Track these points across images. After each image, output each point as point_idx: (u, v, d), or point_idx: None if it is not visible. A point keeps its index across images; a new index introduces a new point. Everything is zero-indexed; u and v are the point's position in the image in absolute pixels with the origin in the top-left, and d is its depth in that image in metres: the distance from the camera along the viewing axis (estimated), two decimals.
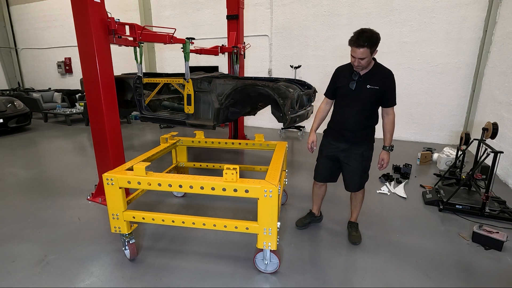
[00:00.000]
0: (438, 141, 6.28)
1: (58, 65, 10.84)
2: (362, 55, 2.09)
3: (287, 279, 2.17)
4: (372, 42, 2.05)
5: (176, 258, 2.41)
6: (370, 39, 2.04)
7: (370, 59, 2.16)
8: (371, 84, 2.22)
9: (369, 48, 2.06)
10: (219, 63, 7.95)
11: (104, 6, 2.94)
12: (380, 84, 2.21)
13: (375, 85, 2.21)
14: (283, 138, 6.82)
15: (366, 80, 2.25)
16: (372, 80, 2.23)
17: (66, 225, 2.91)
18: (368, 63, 2.18)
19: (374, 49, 2.11)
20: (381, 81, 2.21)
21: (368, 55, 2.09)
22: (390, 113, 2.32)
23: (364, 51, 2.07)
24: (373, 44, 2.06)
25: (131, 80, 4.38)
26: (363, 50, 2.06)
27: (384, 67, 2.29)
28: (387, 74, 2.25)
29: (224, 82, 3.85)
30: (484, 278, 2.21)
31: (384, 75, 2.24)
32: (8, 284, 2.12)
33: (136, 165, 2.14)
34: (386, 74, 2.25)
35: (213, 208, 3.32)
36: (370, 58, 2.15)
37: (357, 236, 2.66)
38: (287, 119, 3.43)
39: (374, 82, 2.22)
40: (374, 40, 2.06)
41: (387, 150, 2.40)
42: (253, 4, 7.22)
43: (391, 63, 6.21)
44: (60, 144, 6.12)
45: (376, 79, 2.22)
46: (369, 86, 2.22)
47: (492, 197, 3.27)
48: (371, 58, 2.17)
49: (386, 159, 2.42)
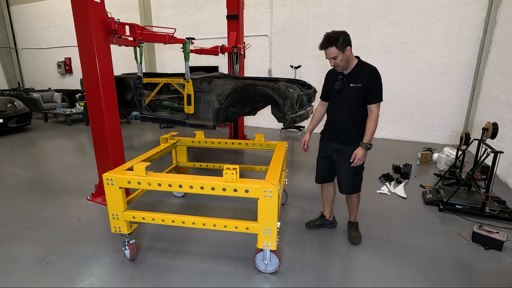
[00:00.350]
0: (438, 141, 6.28)
1: (58, 65, 10.84)
2: (332, 54, 2.18)
3: (287, 279, 2.17)
4: (335, 40, 2.13)
5: (176, 258, 2.41)
6: (332, 38, 2.14)
7: (345, 57, 2.20)
8: (354, 83, 2.26)
9: (335, 46, 2.15)
10: (219, 63, 7.95)
11: (104, 6, 2.94)
12: (363, 82, 2.23)
13: (358, 83, 2.24)
14: (283, 138, 6.83)
15: (349, 79, 2.29)
16: (355, 79, 2.26)
17: (66, 225, 2.91)
18: (346, 61, 2.23)
19: (343, 46, 2.16)
20: (364, 79, 2.23)
21: (339, 53, 2.17)
22: (373, 110, 2.24)
23: (332, 50, 2.16)
24: (337, 41, 2.13)
25: (131, 80, 4.38)
26: (331, 50, 2.16)
27: (368, 65, 2.28)
28: (370, 71, 2.24)
29: (224, 82, 3.85)
30: (484, 278, 2.21)
31: (367, 72, 2.24)
32: (8, 284, 2.12)
33: (136, 165, 2.14)
34: (369, 71, 2.24)
35: (213, 208, 3.32)
36: (345, 56, 2.20)
37: (357, 236, 2.65)
38: (287, 119, 3.43)
39: (357, 80, 2.25)
40: (338, 38, 2.13)
41: (363, 146, 2.28)
42: (253, 4, 7.22)
43: (391, 63, 6.23)
44: (60, 144, 6.12)
45: (359, 77, 2.25)
46: (352, 84, 2.26)
47: (492, 197, 3.27)
48: (346, 56, 2.20)
49: (358, 155, 2.29)
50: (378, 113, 2.25)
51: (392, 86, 6.35)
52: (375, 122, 2.24)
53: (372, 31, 6.25)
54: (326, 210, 2.86)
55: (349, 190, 2.53)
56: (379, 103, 2.25)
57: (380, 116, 2.41)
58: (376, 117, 2.24)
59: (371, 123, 2.24)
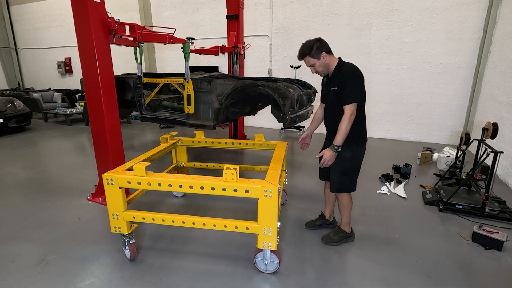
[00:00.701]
0: (438, 141, 6.28)
1: (58, 65, 10.84)
2: (309, 63, 2.30)
3: (287, 279, 2.17)
4: (309, 49, 2.23)
5: (176, 258, 2.41)
6: (306, 47, 2.25)
7: (322, 63, 2.27)
8: (332, 86, 2.32)
9: (309, 55, 2.25)
10: (219, 63, 7.95)
11: (104, 6, 2.94)
12: (338, 85, 2.26)
13: (334, 86, 2.29)
14: (283, 138, 6.83)
15: (330, 83, 2.36)
16: (333, 82, 2.32)
17: (66, 225, 2.91)
18: (324, 67, 2.29)
19: (318, 53, 2.23)
20: (339, 81, 2.26)
21: (315, 61, 2.26)
22: (344, 111, 2.20)
23: (308, 60, 2.29)
24: (311, 50, 2.23)
25: (131, 80, 4.37)
26: (307, 59, 2.29)
27: (345, 67, 2.27)
28: (344, 72, 2.24)
29: (224, 82, 3.85)
30: (484, 278, 2.21)
31: (342, 74, 2.25)
32: (8, 284, 2.12)
33: (136, 165, 2.14)
34: (343, 73, 2.24)
35: (213, 208, 3.32)
36: (322, 62, 2.26)
37: (328, 236, 2.62)
38: (287, 119, 3.43)
39: (334, 84, 2.31)
40: (312, 47, 2.22)
41: (331, 148, 2.25)
42: (253, 4, 7.22)
43: (391, 63, 6.24)
44: (60, 144, 6.12)
45: (335, 80, 2.29)
46: (332, 88, 2.33)
47: (492, 197, 3.27)
48: (323, 62, 2.27)
49: (325, 156, 2.27)
50: (349, 114, 2.17)
51: (392, 86, 6.35)
52: (346, 123, 2.17)
53: (372, 31, 6.25)
54: (327, 210, 2.86)
55: (335, 188, 2.49)
56: (351, 105, 2.18)
57: (380, 116, 2.40)
58: (347, 119, 2.17)
59: (342, 124, 2.19)
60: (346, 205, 2.55)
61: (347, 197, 2.53)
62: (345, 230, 2.63)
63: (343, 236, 2.62)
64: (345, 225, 2.62)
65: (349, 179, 2.43)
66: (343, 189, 2.47)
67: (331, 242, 2.60)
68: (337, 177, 2.44)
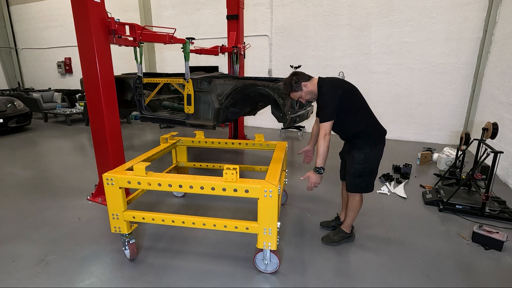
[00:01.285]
0: (438, 141, 6.28)
1: (58, 65, 10.84)
2: (296, 97, 2.42)
3: (287, 279, 2.17)
4: (288, 87, 2.36)
5: (176, 258, 2.41)
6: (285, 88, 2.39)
7: (307, 92, 2.34)
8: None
9: (291, 92, 2.37)
10: (219, 63, 7.95)
11: (104, 6, 2.94)
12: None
13: None
14: (283, 138, 6.82)
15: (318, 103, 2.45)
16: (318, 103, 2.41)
17: (66, 225, 2.91)
18: (310, 94, 2.36)
19: (298, 87, 2.32)
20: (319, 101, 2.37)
21: (300, 94, 2.36)
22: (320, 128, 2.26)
23: (292, 96, 2.41)
24: (291, 87, 2.33)
25: (131, 80, 4.38)
26: (292, 95, 2.40)
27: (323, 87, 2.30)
28: (321, 92, 2.30)
29: (224, 82, 3.85)
30: (484, 278, 2.21)
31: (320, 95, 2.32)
32: (8, 284, 2.12)
33: (136, 165, 2.14)
34: (321, 93, 2.31)
35: (213, 208, 3.32)
36: (306, 91, 2.34)
37: (328, 236, 2.62)
38: (287, 119, 3.43)
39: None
40: (290, 84, 2.33)
41: (313, 170, 2.31)
42: (253, 4, 7.22)
43: (391, 63, 6.24)
44: (60, 144, 6.12)
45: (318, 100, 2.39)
46: None
47: (492, 197, 3.27)
48: (307, 90, 2.34)
49: (310, 179, 2.33)
50: (323, 135, 2.20)
51: (392, 86, 6.35)
52: (321, 143, 2.21)
53: (372, 31, 6.25)
54: (342, 212, 2.83)
55: (349, 188, 2.51)
56: (325, 124, 2.21)
57: (380, 116, 2.40)
58: (322, 139, 2.20)
59: (319, 144, 2.23)
60: (355, 207, 2.55)
61: (359, 198, 2.52)
62: (346, 230, 2.63)
63: (343, 236, 2.62)
64: (347, 226, 2.63)
65: (364, 180, 2.43)
66: (358, 189, 2.48)
67: (331, 242, 2.60)
68: (351, 178, 2.46)
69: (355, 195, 2.52)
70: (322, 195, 3.62)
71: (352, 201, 2.55)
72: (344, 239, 2.61)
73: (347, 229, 2.63)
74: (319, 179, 2.33)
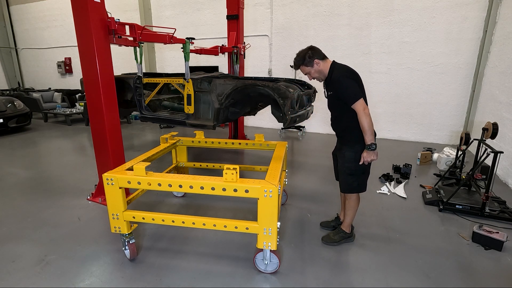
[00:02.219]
0: (438, 141, 6.28)
1: (58, 65, 10.84)
2: (304, 71, 2.39)
3: (287, 279, 2.17)
4: (300, 60, 2.33)
5: (176, 258, 2.41)
6: (297, 59, 2.35)
7: (317, 69, 2.34)
8: (329, 91, 2.42)
9: (303, 65, 2.34)
10: (219, 63, 7.95)
11: (104, 6, 2.94)
12: (332, 90, 2.36)
13: (331, 90, 2.39)
14: (283, 138, 6.82)
15: (326, 88, 2.46)
16: (329, 87, 2.41)
17: (66, 225, 2.91)
18: (319, 73, 2.36)
19: (311, 62, 2.30)
20: (332, 87, 2.36)
21: (309, 69, 2.35)
22: (356, 109, 2.23)
23: (302, 69, 2.39)
24: (304, 60, 2.31)
25: (131, 80, 4.37)
26: (302, 68, 2.38)
27: (336, 71, 2.30)
28: (335, 77, 2.30)
29: (224, 82, 3.84)
30: (484, 278, 2.21)
31: (333, 81, 2.31)
32: (8, 284, 2.12)
33: (136, 165, 2.14)
34: (333, 79, 2.31)
35: (213, 208, 3.32)
36: (316, 69, 2.33)
37: (329, 236, 2.62)
38: (287, 119, 3.43)
39: (330, 88, 2.40)
40: (304, 56, 2.31)
41: (366, 148, 2.26)
42: (253, 4, 7.22)
43: (391, 63, 6.24)
44: (60, 144, 6.12)
45: (330, 85, 2.38)
46: (329, 93, 2.43)
47: (492, 197, 3.27)
48: (318, 68, 2.33)
49: (365, 157, 2.28)
50: (361, 109, 2.20)
51: (392, 86, 6.35)
52: (364, 118, 2.19)
53: (372, 31, 6.24)
54: (342, 212, 2.83)
55: (343, 188, 2.54)
56: (357, 103, 2.20)
57: (380, 116, 2.40)
58: (362, 114, 2.19)
59: (361, 122, 2.22)
60: (353, 206, 2.56)
61: (356, 197, 2.54)
62: (346, 230, 2.63)
63: (343, 236, 2.62)
64: (347, 226, 2.63)
65: (356, 180, 2.44)
66: (351, 189, 2.48)
67: (331, 242, 2.60)
68: (344, 177, 2.48)
69: (351, 195, 2.53)
70: (322, 195, 3.62)
71: (349, 200, 2.57)
72: (344, 239, 2.61)
73: (347, 229, 2.63)
74: (374, 155, 2.27)
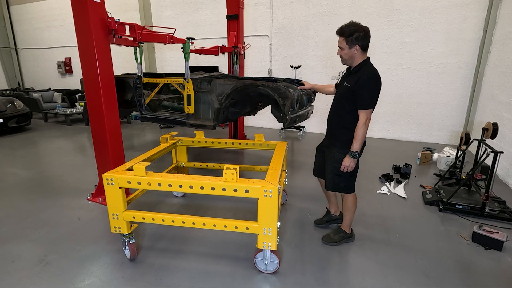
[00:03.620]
0: (438, 141, 6.28)
1: (58, 65, 10.84)
2: (340, 44, 2.23)
3: (287, 279, 2.17)
4: (349, 33, 2.14)
5: (176, 258, 2.41)
6: (348, 30, 2.15)
7: (350, 53, 2.20)
8: (347, 82, 2.27)
9: (344, 37, 2.17)
10: (219, 63, 7.95)
11: (104, 6, 2.93)
12: (353, 83, 2.20)
13: (349, 83, 2.24)
14: (283, 138, 6.82)
15: (347, 77, 2.33)
16: (350, 78, 2.27)
17: (66, 225, 2.91)
18: (349, 58, 2.23)
19: (353, 43, 2.15)
20: (355, 80, 2.19)
21: (346, 46, 2.19)
22: (359, 116, 2.19)
23: (341, 40, 2.21)
24: (350, 35, 2.14)
25: (131, 80, 4.37)
26: (340, 39, 2.22)
27: (367, 69, 2.20)
28: (363, 74, 2.17)
29: (224, 82, 3.84)
30: (484, 278, 2.21)
31: (360, 75, 2.18)
32: (8, 284, 2.12)
33: (136, 165, 2.14)
34: (362, 74, 2.18)
35: (213, 208, 3.32)
36: (351, 52, 2.20)
37: (329, 236, 2.61)
38: (287, 119, 3.43)
39: (350, 80, 2.26)
40: (353, 33, 2.13)
41: (349, 155, 2.24)
42: (253, 4, 7.22)
43: (391, 63, 6.24)
44: (60, 144, 6.12)
45: (353, 77, 2.24)
46: (345, 83, 2.29)
47: (492, 197, 3.27)
48: (352, 52, 2.20)
49: (345, 163, 2.27)
50: (364, 121, 2.16)
51: (392, 86, 6.35)
52: (361, 129, 2.17)
53: (372, 31, 6.12)
54: (331, 206, 2.86)
55: (329, 186, 2.50)
56: (367, 111, 2.16)
57: (380, 116, 2.40)
58: (362, 125, 2.16)
59: (358, 130, 2.19)
60: (350, 206, 2.54)
61: (352, 198, 2.51)
62: (346, 230, 2.63)
63: (343, 236, 2.62)
64: (346, 226, 2.63)
65: (343, 181, 2.42)
66: (338, 189, 2.48)
67: (331, 242, 2.60)
68: (331, 176, 2.46)
69: (348, 196, 2.51)
70: (322, 195, 3.61)
71: (345, 202, 2.55)
72: (344, 239, 2.61)
73: (347, 229, 2.63)
74: (353, 163, 2.26)
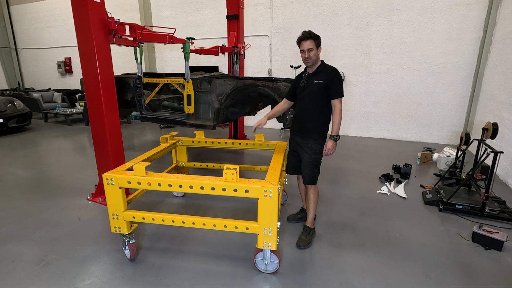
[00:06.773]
0: (438, 141, 6.28)
1: (58, 65, 10.84)
2: (310, 46, 2.39)
3: (287, 279, 2.17)
4: (316, 37, 2.39)
5: (176, 258, 2.41)
6: (314, 34, 2.39)
7: (317, 53, 2.43)
8: (317, 79, 2.47)
9: (313, 40, 2.38)
10: (219, 63, 7.95)
11: (104, 6, 2.94)
12: (324, 78, 2.43)
13: (320, 80, 2.46)
14: (283, 138, 6.82)
15: (313, 76, 2.51)
16: (317, 76, 2.48)
17: (66, 225, 2.91)
18: (316, 58, 2.44)
19: (318, 42, 2.41)
20: (325, 76, 2.44)
21: (314, 47, 2.40)
22: (336, 105, 2.43)
23: (309, 42, 2.39)
24: (317, 39, 2.40)
25: (131, 80, 4.38)
26: (309, 42, 2.39)
27: (328, 65, 2.50)
28: (331, 69, 2.46)
29: (224, 82, 3.85)
30: (484, 278, 2.21)
31: (328, 71, 2.45)
32: (8, 284, 2.12)
33: (136, 165, 2.14)
34: (330, 70, 2.46)
35: (213, 208, 3.32)
36: (317, 52, 2.43)
37: (304, 240, 2.60)
38: (287, 119, 3.43)
39: (319, 78, 2.47)
40: (318, 36, 2.40)
41: (331, 138, 2.46)
42: (253, 4, 7.22)
43: (391, 63, 6.24)
44: (60, 144, 6.12)
45: (321, 75, 2.47)
46: (315, 81, 2.48)
47: (492, 197, 3.27)
48: (318, 53, 2.44)
49: (328, 146, 2.47)
50: (340, 107, 2.43)
51: (392, 86, 6.35)
52: (339, 115, 2.43)
53: (372, 31, 6.25)
54: (305, 203, 2.90)
55: (308, 180, 2.60)
56: (341, 98, 2.44)
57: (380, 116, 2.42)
58: (339, 111, 2.43)
59: (336, 117, 2.44)
60: (315, 198, 2.65)
61: (315, 189, 2.63)
62: (311, 226, 2.69)
63: (312, 233, 2.68)
64: (311, 222, 2.70)
65: (318, 171, 2.62)
66: (314, 180, 2.61)
67: (307, 244, 2.58)
68: (309, 170, 2.57)
69: (311, 187, 2.62)
70: (322, 194, 3.62)
71: (313, 194, 2.64)
72: (314, 236, 2.68)
73: (312, 225, 2.70)
74: (335, 146, 2.49)
